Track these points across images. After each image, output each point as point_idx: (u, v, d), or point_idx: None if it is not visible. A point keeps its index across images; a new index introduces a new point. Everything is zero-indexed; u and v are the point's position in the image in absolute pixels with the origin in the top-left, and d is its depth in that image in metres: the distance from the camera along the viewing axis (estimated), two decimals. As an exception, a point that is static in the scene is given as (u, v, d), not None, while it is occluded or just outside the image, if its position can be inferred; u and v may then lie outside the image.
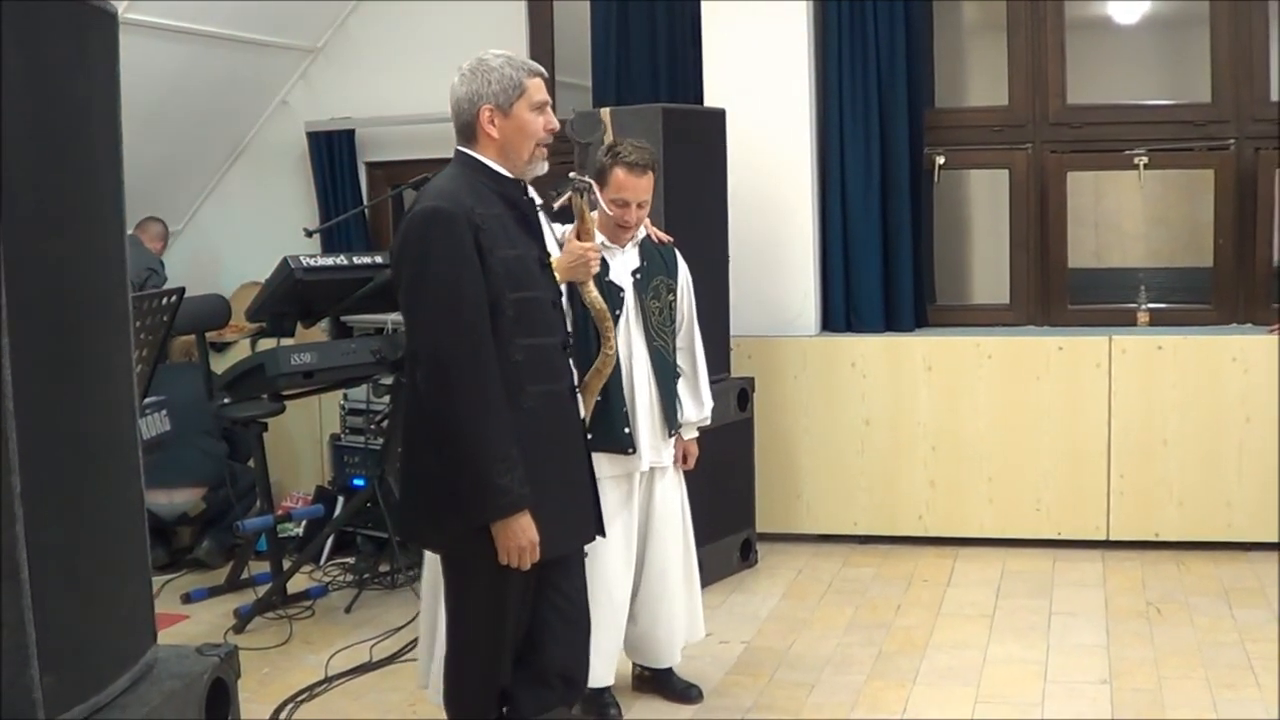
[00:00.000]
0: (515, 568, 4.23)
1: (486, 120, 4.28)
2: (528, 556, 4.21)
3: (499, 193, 4.29)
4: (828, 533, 8.45)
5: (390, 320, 7.99)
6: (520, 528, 4.17)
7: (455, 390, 4.09)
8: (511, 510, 4.14)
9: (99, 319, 2.82)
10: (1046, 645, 6.50)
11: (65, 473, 2.65)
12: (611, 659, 5.68)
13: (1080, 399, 7.97)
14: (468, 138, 4.35)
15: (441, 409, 4.12)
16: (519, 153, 4.34)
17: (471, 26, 9.34)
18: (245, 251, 9.85)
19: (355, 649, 6.73)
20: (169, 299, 6.19)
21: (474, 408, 4.09)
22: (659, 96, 8.79)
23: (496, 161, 4.33)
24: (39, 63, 2.57)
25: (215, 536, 8.26)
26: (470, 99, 4.29)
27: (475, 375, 4.10)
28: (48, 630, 2.52)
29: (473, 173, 4.30)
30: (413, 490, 4.42)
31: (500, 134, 4.29)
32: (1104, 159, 8.53)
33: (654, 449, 5.68)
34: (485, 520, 4.16)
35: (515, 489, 4.13)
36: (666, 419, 5.72)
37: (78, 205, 2.74)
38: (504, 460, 4.12)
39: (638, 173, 5.66)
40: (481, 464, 4.10)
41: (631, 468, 5.59)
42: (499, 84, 4.28)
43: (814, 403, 8.39)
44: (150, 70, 8.30)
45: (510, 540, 4.17)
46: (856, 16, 8.40)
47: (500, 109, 4.28)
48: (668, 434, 5.75)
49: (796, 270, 8.46)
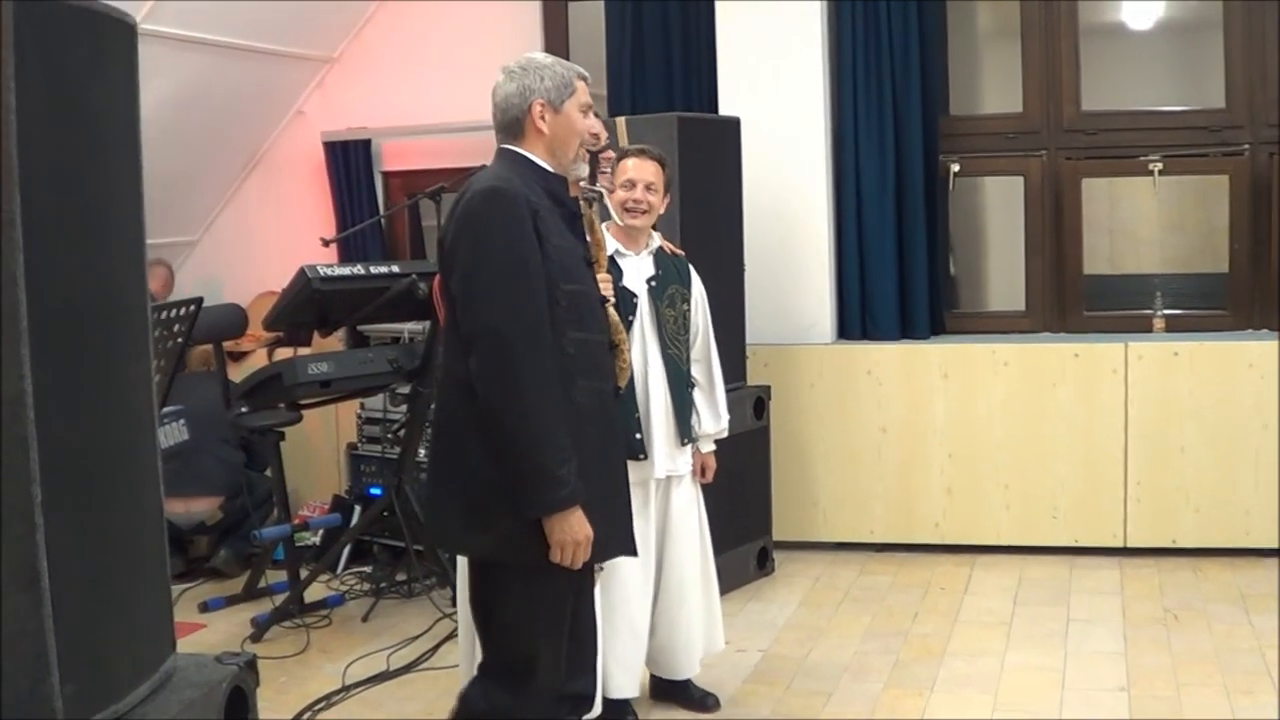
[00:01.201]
0: (566, 567, 4.09)
1: (538, 115, 4.22)
2: (581, 553, 4.07)
3: (545, 188, 4.22)
4: (844, 541, 8.45)
5: (407, 329, 8.00)
6: (576, 521, 4.02)
7: (517, 370, 3.95)
8: (570, 502, 4.00)
9: (119, 328, 2.83)
10: (1064, 652, 6.49)
11: (86, 482, 2.66)
12: (635, 670, 5.67)
13: (1096, 406, 7.96)
14: (514, 134, 4.28)
15: (500, 390, 3.96)
16: (566, 150, 4.29)
17: (486, 37, 9.36)
18: (262, 261, 9.87)
19: (372, 658, 6.74)
20: (187, 309, 6.22)
21: (535, 388, 3.96)
22: (674, 105, 8.80)
23: (542, 158, 4.27)
24: (59, 73, 2.59)
25: (232, 545, 8.27)
26: (521, 94, 4.23)
27: (537, 356, 3.98)
28: (68, 638, 2.53)
29: (520, 167, 4.23)
30: (451, 490, 4.22)
31: (550, 130, 4.24)
32: (1119, 165, 8.53)
33: (668, 457, 5.68)
34: (541, 513, 4.00)
35: (572, 480, 3.99)
36: (680, 428, 5.72)
37: (97, 215, 2.75)
38: (562, 449, 3.99)
39: (641, 157, 5.74)
40: (540, 451, 3.96)
41: (645, 475, 5.58)
42: (552, 80, 4.25)
43: (830, 411, 8.39)
44: (167, 80, 8.33)
45: (566, 535, 4.02)
46: (870, 24, 8.41)
47: (551, 105, 4.24)
48: (681, 443, 5.75)
49: (812, 278, 8.47)
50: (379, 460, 8.39)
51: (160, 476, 3.03)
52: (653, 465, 5.60)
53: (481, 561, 4.34)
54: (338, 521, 8.13)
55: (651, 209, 5.72)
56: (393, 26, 9.82)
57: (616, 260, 5.60)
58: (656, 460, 5.61)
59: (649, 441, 5.57)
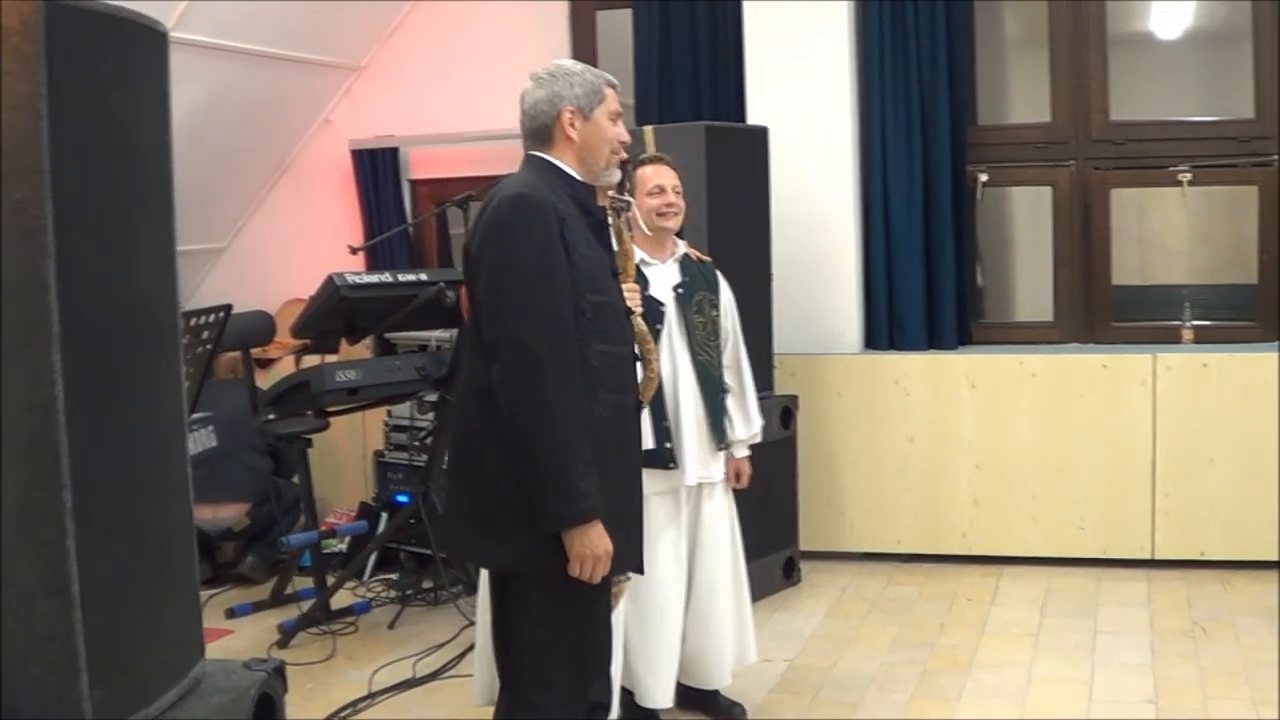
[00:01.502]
0: (584, 581, 4.04)
1: (567, 122, 4.19)
2: (601, 567, 4.02)
3: (573, 196, 4.18)
4: (871, 551, 8.44)
5: (434, 337, 8.02)
6: (596, 535, 3.97)
7: (542, 379, 3.90)
8: (591, 515, 3.95)
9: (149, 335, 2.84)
10: (1091, 665, 6.47)
11: (115, 488, 2.67)
12: (669, 680, 5.66)
13: (1124, 417, 7.94)
14: (543, 141, 4.25)
15: (523, 399, 3.91)
16: (596, 157, 4.26)
17: (514, 45, 9.38)
18: (290, 268, 9.89)
19: (399, 665, 6.75)
20: (216, 316, 6.23)
21: (561, 401, 3.91)
22: (701, 115, 8.81)
23: (571, 166, 4.24)
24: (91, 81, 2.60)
25: (259, 552, 8.29)
26: (551, 100, 4.20)
27: (563, 365, 3.93)
28: (97, 643, 2.54)
29: (547, 174, 4.20)
30: (465, 503, 4.19)
31: (580, 137, 4.22)
32: (1147, 175, 8.51)
33: (701, 464, 5.67)
34: (561, 526, 3.96)
35: (593, 493, 3.94)
36: (714, 433, 5.72)
37: (128, 222, 2.76)
38: (583, 461, 3.94)
39: (658, 163, 5.81)
40: (561, 463, 3.91)
41: (676, 483, 5.58)
42: (582, 87, 4.23)
43: (857, 421, 8.38)
44: (196, 87, 8.36)
45: (585, 549, 3.97)
46: (898, 33, 8.41)
47: (581, 112, 4.21)
48: (715, 449, 5.74)
49: (839, 288, 8.47)
50: (406, 468, 8.40)
51: (190, 483, 3.04)
52: (684, 473, 5.58)
53: (500, 574, 4.32)
54: (364, 529, 8.14)
55: (681, 210, 5.78)
56: (420, 35, 9.85)
57: (643, 270, 5.60)
58: (688, 468, 5.59)
59: (679, 450, 5.56)
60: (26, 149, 2.43)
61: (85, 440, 2.52)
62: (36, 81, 2.43)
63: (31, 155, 2.43)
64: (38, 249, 2.43)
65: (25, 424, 2.46)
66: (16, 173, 2.43)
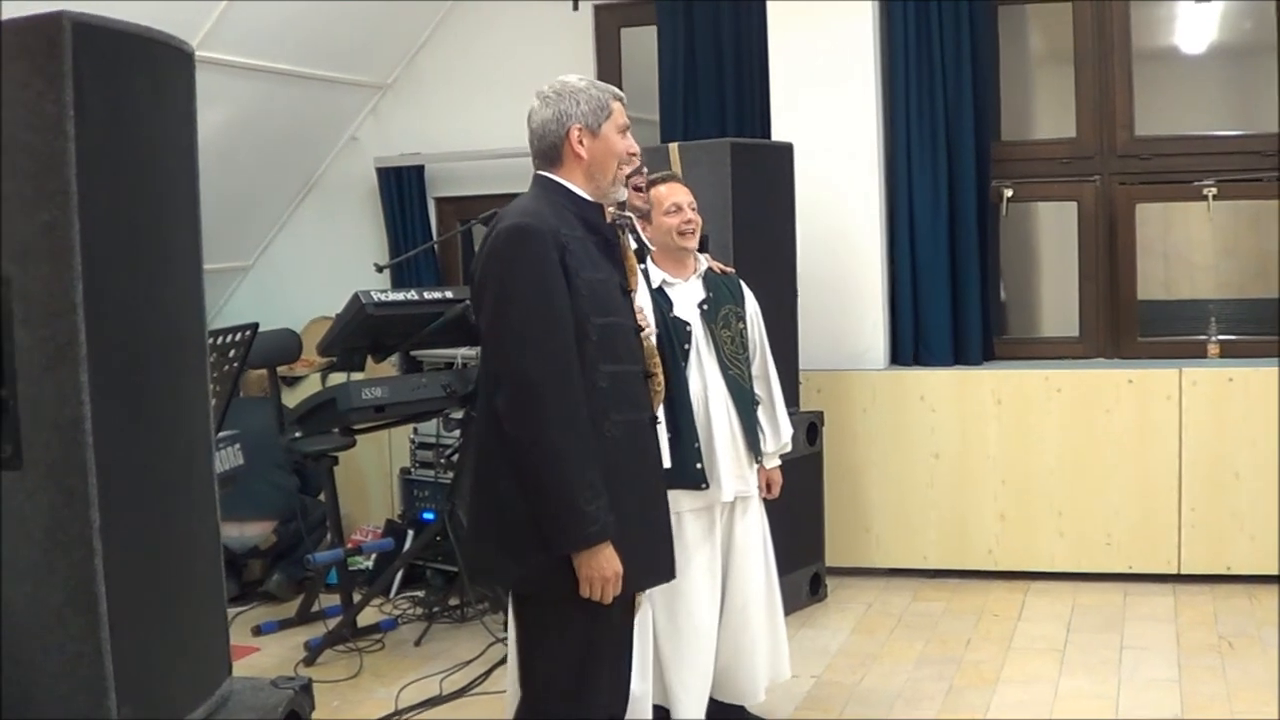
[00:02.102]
0: (597, 601, 4.08)
1: (575, 140, 4.22)
2: (611, 589, 4.06)
3: (580, 217, 4.22)
4: (897, 567, 8.44)
5: (460, 355, 8.03)
6: (605, 558, 4.02)
7: (543, 411, 3.95)
8: (598, 539, 4.00)
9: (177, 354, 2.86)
10: (1118, 680, 6.46)
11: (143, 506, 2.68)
12: (702, 695, 5.66)
13: (1151, 432, 7.93)
14: (551, 161, 4.28)
15: (527, 431, 3.97)
16: (605, 174, 4.29)
17: (539, 63, 9.36)
18: (316, 286, 9.90)
19: (425, 682, 6.75)
20: (242, 334, 6.25)
21: (562, 430, 3.96)
22: (726, 131, 8.82)
23: (580, 185, 4.26)
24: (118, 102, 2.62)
25: (286, 569, 8.31)
26: (558, 119, 4.23)
27: (564, 396, 3.98)
28: (125, 661, 2.55)
29: (554, 195, 4.23)
30: (485, 522, 4.25)
31: (589, 154, 4.25)
32: (1172, 190, 8.50)
33: (739, 478, 5.68)
34: (570, 549, 4.01)
35: (601, 517, 3.99)
36: (750, 446, 5.72)
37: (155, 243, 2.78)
38: (591, 487, 3.99)
39: (671, 181, 5.84)
40: (568, 490, 3.96)
41: (711, 500, 5.57)
42: (588, 104, 4.25)
43: (883, 436, 8.38)
44: (222, 107, 8.39)
45: (594, 571, 4.02)
46: (923, 50, 8.41)
47: (589, 129, 4.24)
48: (752, 462, 5.74)
49: (865, 304, 8.47)
50: (432, 485, 8.41)
51: (217, 501, 3.06)
52: (719, 489, 5.57)
53: (519, 593, 4.37)
54: (390, 546, 8.16)
55: (699, 227, 5.77)
56: (445, 53, 9.87)
57: (665, 290, 5.61)
58: (725, 484, 5.58)
59: (712, 468, 5.54)
60: (54, 170, 2.45)
61: (113, 459, 2.53)
62: (64, 102, 2.45)
63: (59, 176, 2.45)
64: (66, 269, 2.45)
65: (54, 443, 2.48)
66: (44, 193, 2.45)
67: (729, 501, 5.67)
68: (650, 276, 5.60)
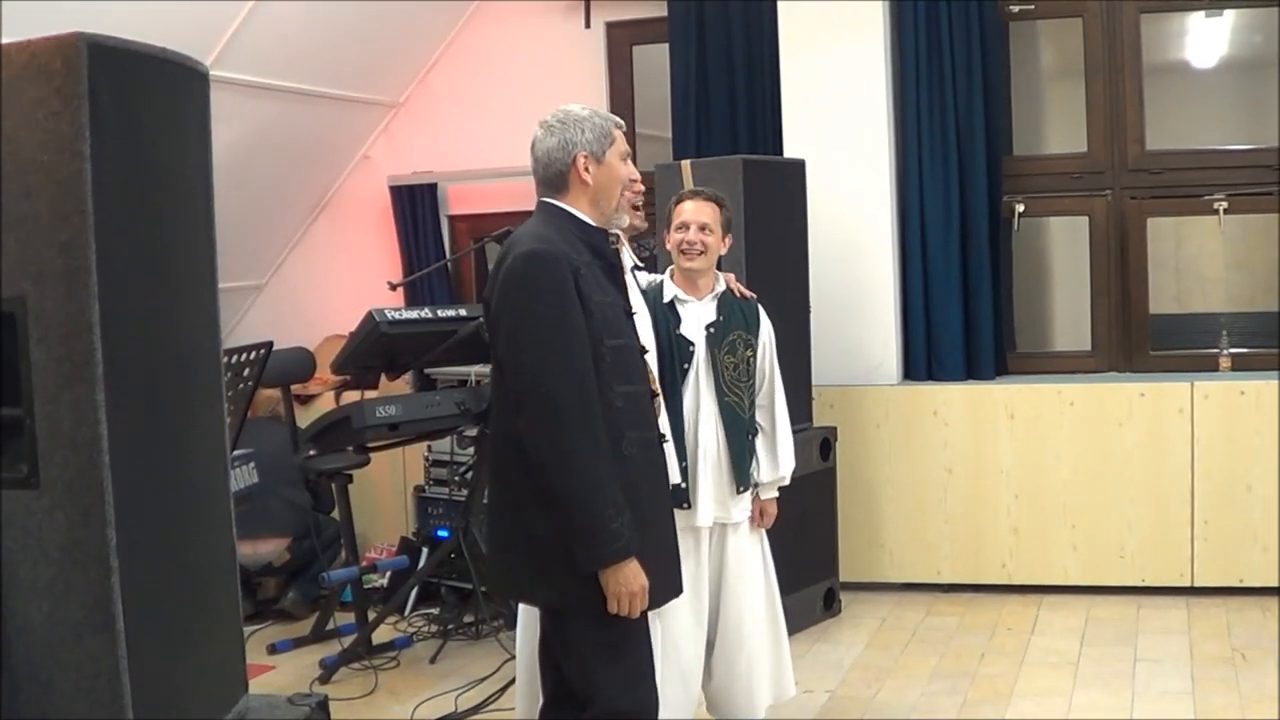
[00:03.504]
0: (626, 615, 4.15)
1: (582, 167, 4.28)
2: (639, 603, 4.13)
3: (586, 242, 4.28)
4: (911, 581, 8.44)
5: (474, 372, 8.04)
6: (631, 572, 4.09)
7: (566, 431, 4.02)
8: (624, 555, 4.06)
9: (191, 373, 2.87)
10: (1132, 693, 6.45)
11: (159, 525, 2.70)
12: (682, 712, 5.63)
13: (1163, 445, 7.93)
14: (557, 188, 4.34)
15: (551, 451, 4.03)
16: (609, 200, 4.36)
17: (552, 81, 9.41)
18: (329, 305, 9.93)
19: (440, 699, 6.75)
20: (257, 353, 6.27)
21: (586, 450, 4.02)
22: (738, 147, 8.83)
23: (585, 211, 4.33)
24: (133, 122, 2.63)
25: (300, 588, 8.32)
26: (564, 147, 4.29)
27: (586, 417, 4.04)
28: (142, 679, 2.57)
29: (561, 222, 4.29)
30: (510, 542, 4.32)
31: (594, 181, 4.31)
32: (1184, 204, 8.50)
33: (719, 504, 5.64)
34: (597, 566, 4.07)
35: (626, 533, 4.06)
36: (736, 475, 5.67)
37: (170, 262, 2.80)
38: (615, 504, 4.05)
39: (695, 198, 5.77)
40: (593, 508, 4.02)
41: (690, 522, 5.53)
42: (592, 132, 4.31)
43: (896, 451, 8.39)
44: (235, 126, 8.42)
45: (621, 586, 4.08)
46: (934, 65, 8.43)
47: (594, 156, 4.30)
48: (737, 490, 5.70)
49: (878, 319, 8.47)
50: (446, 502, 8.42)
51: (232, 519, 3.07)
52: (697, 514, 5.56)
53: (550, 610, 4.43)
54: (405, 564, 8.16)
55: (709, 250, 5.69)
56: (458, 71, 9.89)
57: (676, 307, 5.62)
58: (702, 509, 5.57)
59: (694, 490, 5.54)
60: (69, 190, 2.47)
61: (130, 477, 2.55)
62: (80, 122, 2.47)
63: (75, 196, 2.47)
64: (82, 289, 2.46)
65: (70, 462, 2.50)
66: (60, 214, 2.47)
67: (707, 526, 5.66)
68: (665, 290, 5.63)
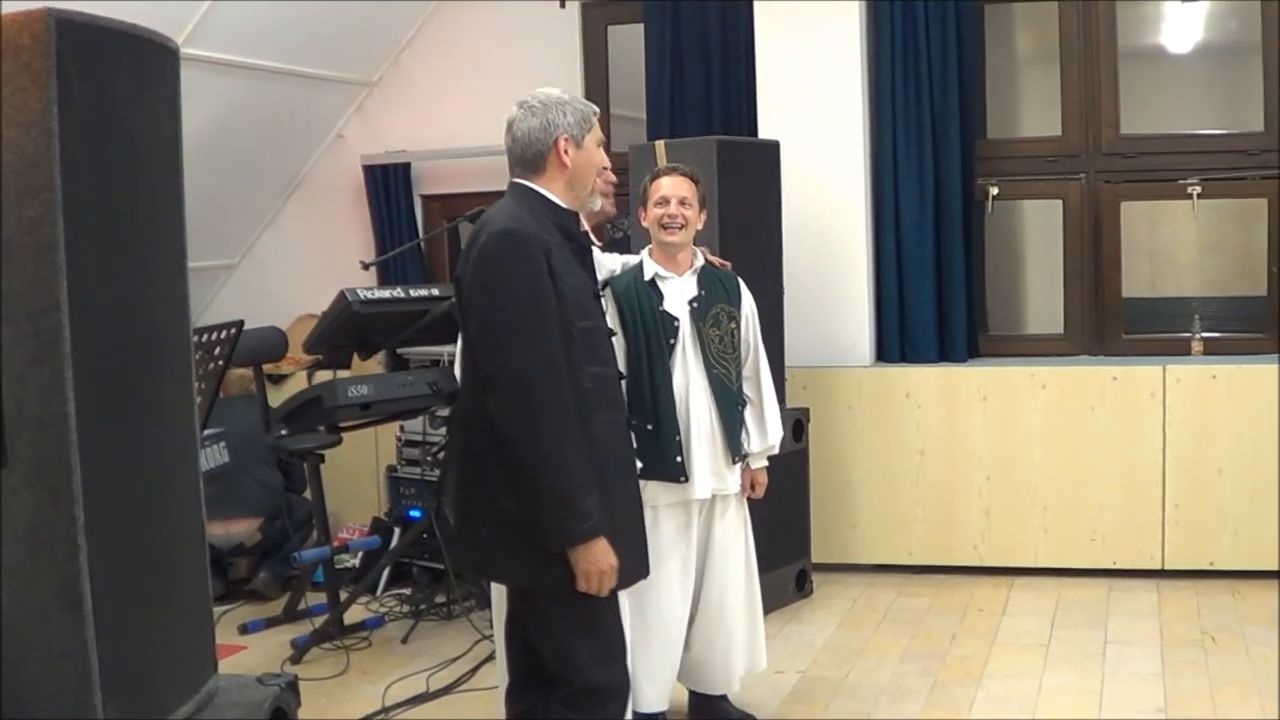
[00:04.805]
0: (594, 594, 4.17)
1: (562, 150, 4.30)
2: (608, 581, 4.15)
3: (557, 224, 4.29)
4: (883, 563, 8.45)
5: (447, 352, 8.01)
6: (601, 551, 4.10)
7: (536, 410, 4.03)
8: (594, 534, 4.07)
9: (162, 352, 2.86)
10: (1101, 674, 6.47)
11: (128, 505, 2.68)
12: (665, 686, 5.72)
13: (1135, 429, 7.95)
14: (533, 169, 4.35)
15: (521, 430, 4.04)
16: (585, 183, 4.39)
17: (526, 61, 9.39)
18: (302, 284, 9.89)
19: (412, 679, 6.75)
20: (227, 332, 6.25)
21: (557, 429, 4.04)
22: (713, 129, 8.81)
23: (559, 193, 4.34)
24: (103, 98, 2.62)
25: (272, 568, 8.30)
26: (545, 129, 4.30)
27: (557, 397, 4.06)
28: (111, 660, 2.56)
29: (533, 203, 4.30)
30: (479, 520, 4.32)
31: (573, 164, 4.33)
32: (1158, 188, 8.51)
33: (715, 475, 5.68)
34: (566, 545, 4.08)
35: (595, 512, 4.07)
36: (730, 446, 5.72)
37: (140, 240, 2.78)
38: (584, 484, 4.07)
39: (671, 174, 5.81)
40: (562, 487, 4.04)
41: (687, 496, 5.60)
42: (573, 115, 4.34)
43: (869, 433, 8.39)
44: (207, 104, 8.37)
45: (591, 565, 4.10)
46: (909, 48, 8.42)
47: (575, 140, 4.32)
48: (731, 461, 5.74)
49: (851, 301, 8.48)
50: (418, 483, 8.40)
51: (202, 499, 3.06)
52: (694, 486, 5.60)
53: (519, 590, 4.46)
54: (377, 544, 8.15)
55: (688, 224, 5.72)
56: (432, 51, 9.86)
57: (658, 284, 5.64)
58: (698, 481, 5.60)
59: (690, 463, 5.58)
60: (38, 166, 2.45)
61: (97, 457, 2.53)
62: (48, 99, 2.45)
63: (43, 172, 2.45)
64: (50, 266, 2.45)
65: (38, 441, 2.48)
66: (28, 190, 2.45)
67: (705, 499, 5.70)
68: (644, 268, 5.64)
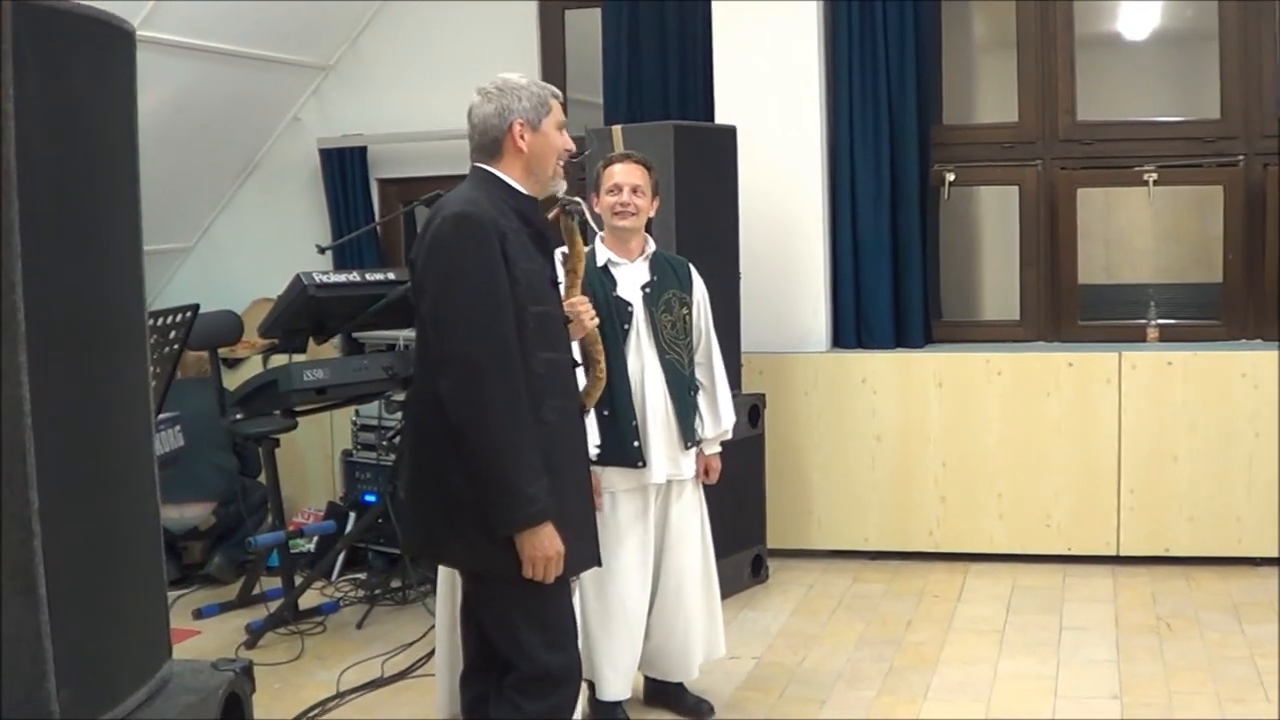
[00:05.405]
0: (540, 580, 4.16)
1: (517, 134, 4.30)
2: (554, 568, 4.15)
3: (515, 209, 4.28)
4: (838, 549, 8.46)
5: (403, 337, 8.00)
6: (546, 537, 4.10)
7: (487, 395, 4.03)
8: (539, 520, 4.08)
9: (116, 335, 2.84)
10: (1057, 660, 6.50)
11: (82, 488, 2.67)
12: (628, 673, 5.73)
13: (1090, 415, 7.98)
14: (491, 154, 4.35)
15: (470, 414, 4.04)
16: (544, 168, 4.38)
17: (483, 45, 9.37)
18: (258, 268, 9.85)
19: (367, 664, 6.74)
20: (183, 315, 6.21)
21: (505, 414, 4.04)
22: (670, 114, 8.81)
23: (517, 178, 4.34)
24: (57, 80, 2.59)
25: (227, 552, 8.27)
26: (501, 114, 4.30)
27: (507, 381, 4.06)
28: (64, 644, 2.54)
29: (491, 188, 4.30)
30: (427, 501, 4.33)
31: (529, 148, 4.32)
32: (1114, 175, 8.54)
33: (670, 461, 5.69)
34: (512, 530, 4.08)
35: (541, 498, 4.07)
36: (683, 432, 5.73)
37: (95, 222, 2.76)
38: (532, 468, 4.08)
39: (624, 161, 5.81)
40: (511, 472, 4.04)
41: (644, 481, 5.61)
42: (529, 100, 4.33)
43: (825, 419, 8.40)
44: (163, 86, 8.33)
45: (536, 550, 4.10)
46: (866, 34, 8.42)
47: (530, 124, 4.31)
48: (685, 446, 5.75)
49: (807, 287, 8.47)
50: (374, 467, 8.38)
51: (157, 483, 3.04)
52: (651, 471, 5.61)
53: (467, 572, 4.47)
54: (332, 528, 8.13)
55: (640, 211, 5.73)
56: (388, 34, 9.83)
57: (610, 270, 5.64)
58: (655, 466, 5.61)
59: (646, 448, 5.59)
60: (-8, 148, 2.43)
61: (52, 441, 2.51)
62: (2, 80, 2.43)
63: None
64: (4, 249, 2.43)
65: (-9, 424, 2.46)
66: (-18, 172, 2.43)
67: (661, 484, 5.71)
68: (597, 255, 5.63)
